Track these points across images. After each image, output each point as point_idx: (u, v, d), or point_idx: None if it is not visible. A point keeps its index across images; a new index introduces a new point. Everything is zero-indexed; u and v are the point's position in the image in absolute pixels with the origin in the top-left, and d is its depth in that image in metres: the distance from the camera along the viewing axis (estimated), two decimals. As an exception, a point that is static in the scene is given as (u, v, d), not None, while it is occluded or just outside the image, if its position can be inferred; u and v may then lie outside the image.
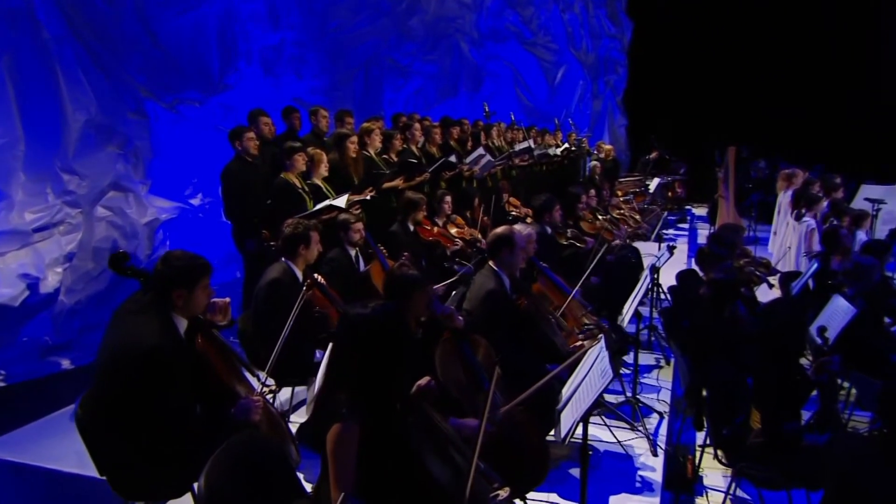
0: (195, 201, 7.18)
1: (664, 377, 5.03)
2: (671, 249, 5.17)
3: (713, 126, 14.99)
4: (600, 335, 2.67)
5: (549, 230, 5.28)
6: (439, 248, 5.40)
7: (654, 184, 11.43)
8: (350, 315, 2.12)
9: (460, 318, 3.10)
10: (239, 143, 5.07)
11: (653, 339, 5.59)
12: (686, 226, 12.64)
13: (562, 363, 2.95)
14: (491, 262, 3.77)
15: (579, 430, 2.55)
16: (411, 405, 2.26)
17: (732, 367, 3.68)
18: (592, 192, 6.60)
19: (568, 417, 2.56)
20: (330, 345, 2.34)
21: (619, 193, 11.32)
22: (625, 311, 4.18)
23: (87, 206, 5.58)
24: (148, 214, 6.20)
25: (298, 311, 3.09)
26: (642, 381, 4.91)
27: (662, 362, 5.35)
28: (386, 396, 2.06)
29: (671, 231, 11.83)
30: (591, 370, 2.56)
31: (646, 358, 5.41)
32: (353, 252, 4.62)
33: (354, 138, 5.31)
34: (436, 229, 5.53)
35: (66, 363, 5.28)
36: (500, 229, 3.81)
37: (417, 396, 2.37)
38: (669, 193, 13.85)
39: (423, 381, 2.43)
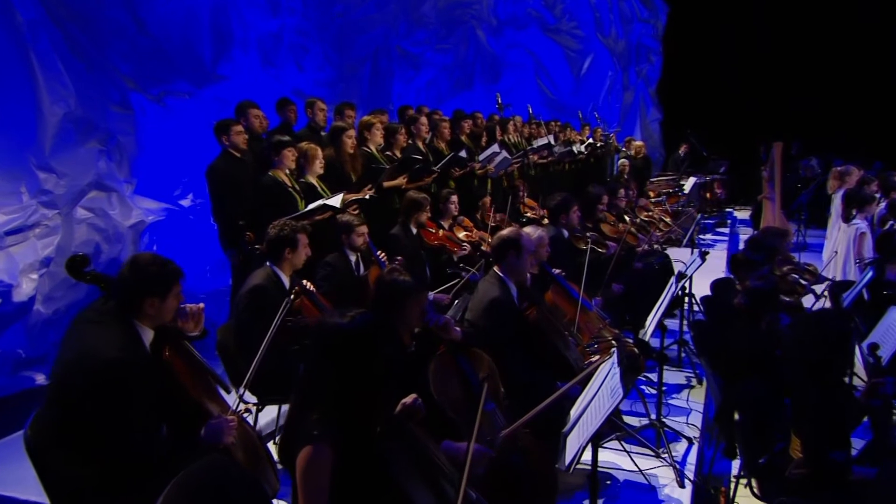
0: (185, 202, 7.19)
1: (695, 398, 4.94)
2: (703, 256, 5.08)
3: (758, 120, 14.79)
4: (613, 349, 2.59)
5: (565, 233, 5.20)
6: (445, 254, 5.35)
7: (689, 184, 11.27)
8: (325, 324, 2.08)
9: (457, 329, 3.05)
10: (226, 138, 5.06)
11: (683, 355, 5.47)
12: (726, 230, 12.49)
13: (582, 383, 2.87)
14: (496, 268, 3.71)
15: (588, 456, 2.47)
16: (395, 427, 2.20)
17: (769, 386, 3.59)
18: (622, 192, 6.50)
19: (574, 441, 2.48)
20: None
21: (652, 194, 11.21)
22: (648, 323, 4.08)
23: (66, 206, 5.60)
24: (133, 216, 6.21)
25: (282, 321, 3.04)
26: (670, 402, 4.83)
27: (694, 381, 5.25)
28: (363, 416, 2.01)
29: (708, 236, 11.68)
30: (601, 388, 2.48)
31: (675, 376, 5.33)
32: (353, 257, 4.59)
33: (352, 133, 5.29)
34: (441, 232, 5.47)
35: (40, 378, 5.28)
36: (505, 231, 3.77)
37: (402, 417, 2.31)
38: (707, 195, 13.69)
39: (409, 399, 2.37)
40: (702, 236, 11.27)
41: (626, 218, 6.33)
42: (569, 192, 6.28)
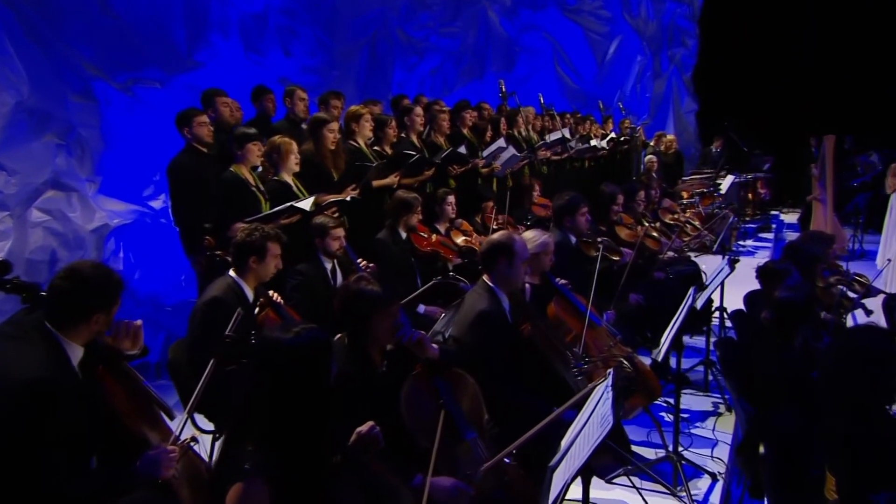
0: (156, 204, 7.18)
1: (723, 427, 4.84)
2: (732, 264, 4.98)
3: (808, 110, 14.61)
4: (609, 369, 2.52)
5: (572, 239, 5.12)
6: (439, 261, 5.29)
7: (727, 183, 11.14)
8: (264, 340, 2.02)
9: (434, 346, 3.00)
10: (188, 130, 5.05)
11: (710, 378, 5.37)
12: (770, 236, 12.33)
13: (574, 406, 2.79)
14: (485, 277, 3.66)
15: (579, 493, 2.41)
16: (348, 460, 2.14)
17: (802, 416, 3.51)
18: (641, 193, 6.42)
19: (560, 477, 2.40)
20: None
21: (685, 195, 11.09)
22: (662, 340, 3.99)
23: (19, 208, 5.61)
24: (96, 219, 6.22)
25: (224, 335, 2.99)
26: (693, 431, 4.76)
27: (722, 408, 5.15)
28: (306, 448, 1.96)
29: (749, 242, 11.53)
30: (592, 416, 2.40)
31: (700, 402, 5.25)
32: (328, 265, 4.55)
33: (334, 126, 5.26)
34: (434, 237, 5.43)
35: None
36: (496, 235, 3.72)
37: (356, 449, 2.25)
38: (750, 195, 13.54)
39: (364, 427, 2.31)
40: (741, 242, 11.13)
41: (645, 222, 6.23)
42: (588, 192, 6.21)
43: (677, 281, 5.58)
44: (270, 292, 3.81)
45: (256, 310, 3.72)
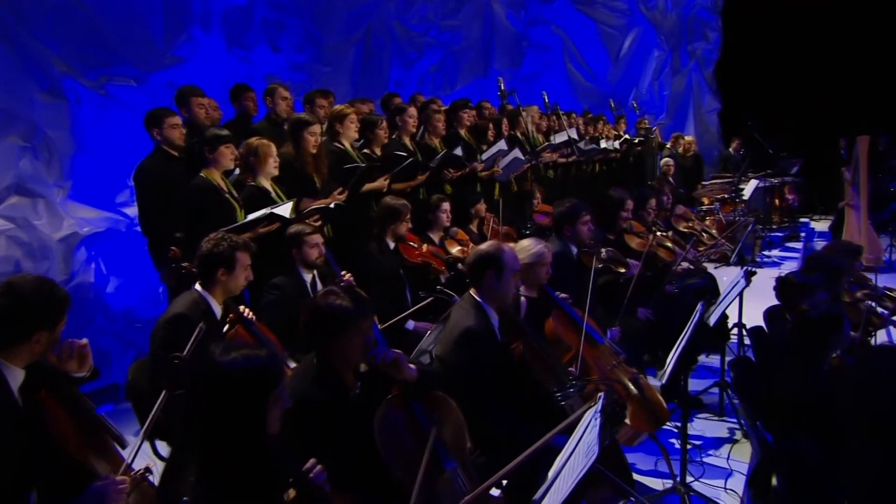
0: (130, 211, 7.15)
1: (738, 456, 4.78)
2: (749, 277, 4.92)
3: (839, 108, 14.52)
4: (600, 394, 2.47)
5: (573, 249, 5.07)
6: (431, 273, 5.25)
7: (750, 188, 11.07)
8: (208, 361, 2.04)
9: (411, 367, 2.95)
10: (157, 132, 5.03)
11: (725, 401, 5.30)
12: (798, 245, 12.25)
13: (567, 433, 2.74)
14: (472, 291, 3.62)
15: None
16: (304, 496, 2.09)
17: (823, 445, 3.46)
18: (652, 200, 6.36)
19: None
20: None
21: (706, 201, 11.03)
22: (668, 360, 3.94)
23: (-22, 216, 5.61)
24: (64, 227, 6.20)
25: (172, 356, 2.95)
26: (706, 460, 4.71)
27: (738, 435, 5.10)
28: (247, 482, 1.92)
29: (776, 252, 11.45)
30: (579, 445, 2.36)
31: (715, 427, 5.20)
32: (307, 277, 4.51)
33: (316, 128, 5.22)
34: (426, 247, 5.40)
35: None
36: (484, 245, 3.68)
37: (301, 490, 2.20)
38: (776, 201, 13.46)
39: (310, 464, 2.27)
40: (766, 252, 11.05)
41: (657, 231, 6.16)
42: (598, 197, 6.16)
43: (691, 295, 5.51)
44: (241, 307, 3.76)
45: (225, 327, 3.67)
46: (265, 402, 2.08)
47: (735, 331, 5.99)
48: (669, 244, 6.06)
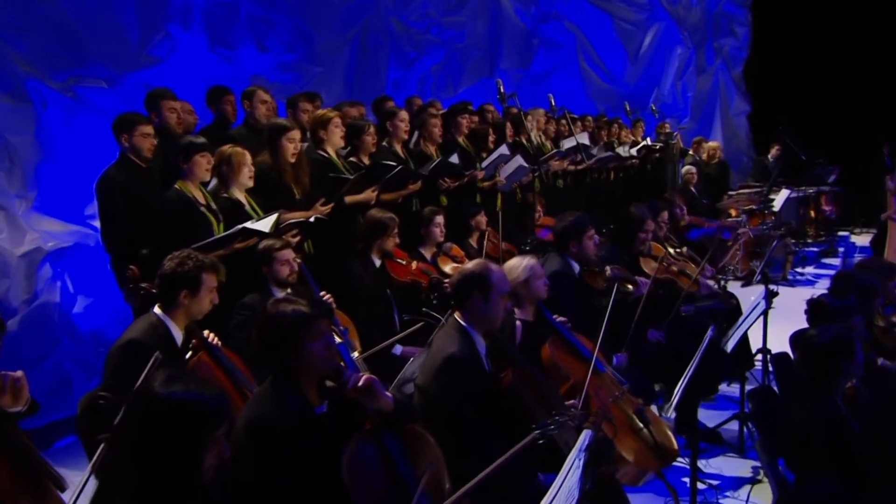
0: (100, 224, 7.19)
1: (759, 496, 4.72)
2: (770, 298, 4.87)
3: (881, 112, 14.44)
4: (586, 430, 2.43)
5: (575, 267, 5.04)
6: (422, 293, 5.23)
7: (781, 198, 11.00)
8: (145, 391, 2.07)
9: (388, 395, 2.90)
10: (126, 138, 5.02)
11: (746, 435, 5.25)
12: (837, 261, 12.15)
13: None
14: (457, 315, 3.59)
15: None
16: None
17: (845, 482, 3.48)
18: (664, 213, 6.31)
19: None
20: None
21: (733, 213, 10.97)
22: (675, 391, 3.90)
23: (-68, 229, 5.62)
24: (27, 242, 6.20)
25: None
26: (723, 501, 4.66)
27: (762, 474, 5.00)
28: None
29: (810, 269, 11.35)
30: (563, 486, 2.32)
31: (734, 465, 5.14)
32: (281, 295, 4.47)
33: (295, 133, 5.22)
34: (415, 264, 5.39)
35: None
36: (470, 264, 3.65)
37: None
38: (811, 213, 13.36)
39: None
40: (799, 270, 10.95)
41: (670, 247, 6.12)
42: (614, 209, 6.13)
43: (709, 317, 5.45)
44: (206, 332, 3.73)
45: (188, 354, 3.65)
46: (201, 443, 2.07)
47: (759, 357, 5.94)
48: (689, 270, 5.99)
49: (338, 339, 3.14)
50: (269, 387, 2.87)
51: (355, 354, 4.30)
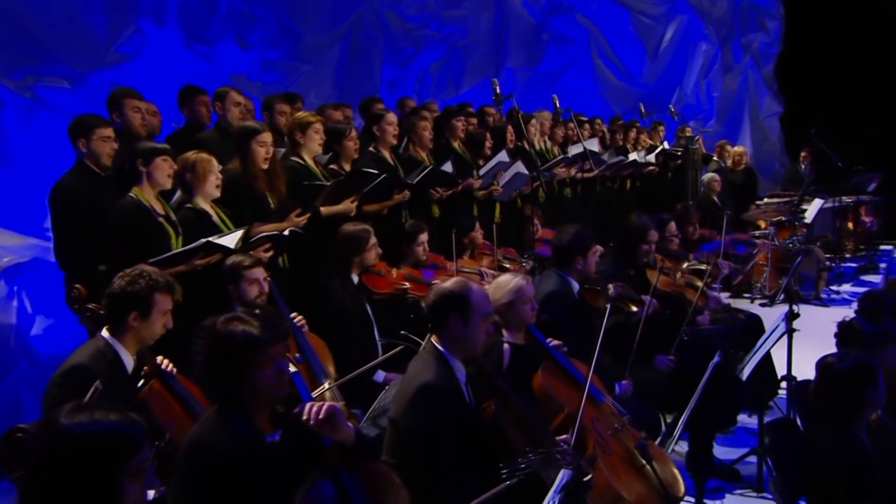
0: (61, 237, 7.19)
1: (776, 541, 4.64)
2: (790, 319, 4.82)
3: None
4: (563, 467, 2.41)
5: (574, 285, 5.02)
6: (408, 300, 5.36)
7: (813, 209, 10.94)
8: (49, 424, 2.06)
9: (350, 426, 2.88)
10: (84, 143, 4.99)
11: (765, 473, 5.19)
12: (877, 279, 12.06)
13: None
14: (434, 339, 3.58)
15: None
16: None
17: None
18: (671, 225, 6.30)
19: None
20: None
21: (762, 225, 10.91)
22: (679, 424, 3.86)
23: None
24: (-20, 257, 6.22)
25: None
26: None
27: (784, 513, 4.95)
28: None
29: (846, 287, 11.26)
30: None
31: (753, 505, 5.08)
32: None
33: (266, 136, 5.20)
34: (395, 272, 5.46)
35: None
36: (448, 283, 3.63)
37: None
38: (850, 224, 13.27)
39: None
40: (834, 287, 10.87)
41: (679, 262, 6.12)
42: (628, 219, 6.10)
43: (725, 340, 5.42)
44: (160, 358, 3.71)
45: (140, 382, 3.63)
46: (116, 477, 2.06)
47: (784, 384, 5.89)
48: (698, 282, 5.97)
49: (292, 368, 3.09)
50: (215, 412, 2.86)
51: (326, 385, 4.27)
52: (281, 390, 2.89)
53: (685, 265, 6.29)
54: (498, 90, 7.14)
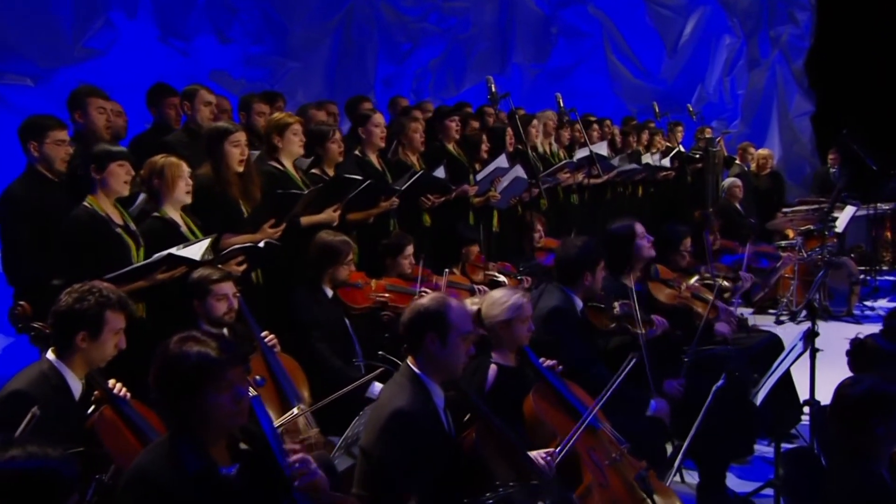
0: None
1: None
2: (810, 338, 4.76)
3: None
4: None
5: (578, 302, 5.00)
6: (385, 314, 5.39)
7: (844, 217, 10.88)
8: None
9: (309, 464, 2.84)
10: (36, 147, 4.96)
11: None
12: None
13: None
14: (410, 360, 3.57)
15: None
16: None
17: None
18: (688, 241, 6.27)
19: None
20: None
21: (790, 234, 10.86)
22: (679, 455, 3.83)
23: None
24: (-64, 269, 6.21)
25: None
26: None
27: (799, 549, 4.91)
28: None
29: (882, 303, 11.18)
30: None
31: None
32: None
33: (239, 136, 5.19)
34: (374, 283, 5.48)
35: None
36: (424, 299, 3.62)
37: None
38: (888, 234, 13.20)
39: None
40: (868, 303, 10.79)
41: (691, 278, 6.09)
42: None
43: (733, 361, 5.38)
44: (112, 382, 3.69)
45: (91, 408, 3.60)
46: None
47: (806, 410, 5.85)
48: (708, 294, 5.93)
49: (252, 392, 3.07)
50: (165, 440, 2.85)
51: (294, 410, 4.25)
52: (239, 418, 2.87)
53: (694, 279, 6.24)
54: (493, 88, 7.11)
